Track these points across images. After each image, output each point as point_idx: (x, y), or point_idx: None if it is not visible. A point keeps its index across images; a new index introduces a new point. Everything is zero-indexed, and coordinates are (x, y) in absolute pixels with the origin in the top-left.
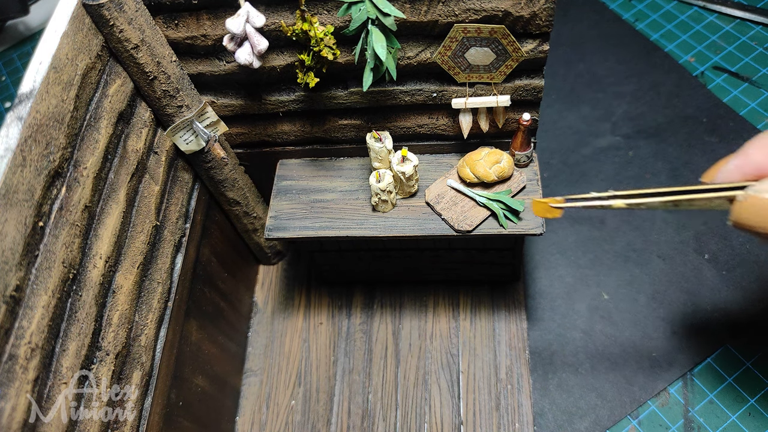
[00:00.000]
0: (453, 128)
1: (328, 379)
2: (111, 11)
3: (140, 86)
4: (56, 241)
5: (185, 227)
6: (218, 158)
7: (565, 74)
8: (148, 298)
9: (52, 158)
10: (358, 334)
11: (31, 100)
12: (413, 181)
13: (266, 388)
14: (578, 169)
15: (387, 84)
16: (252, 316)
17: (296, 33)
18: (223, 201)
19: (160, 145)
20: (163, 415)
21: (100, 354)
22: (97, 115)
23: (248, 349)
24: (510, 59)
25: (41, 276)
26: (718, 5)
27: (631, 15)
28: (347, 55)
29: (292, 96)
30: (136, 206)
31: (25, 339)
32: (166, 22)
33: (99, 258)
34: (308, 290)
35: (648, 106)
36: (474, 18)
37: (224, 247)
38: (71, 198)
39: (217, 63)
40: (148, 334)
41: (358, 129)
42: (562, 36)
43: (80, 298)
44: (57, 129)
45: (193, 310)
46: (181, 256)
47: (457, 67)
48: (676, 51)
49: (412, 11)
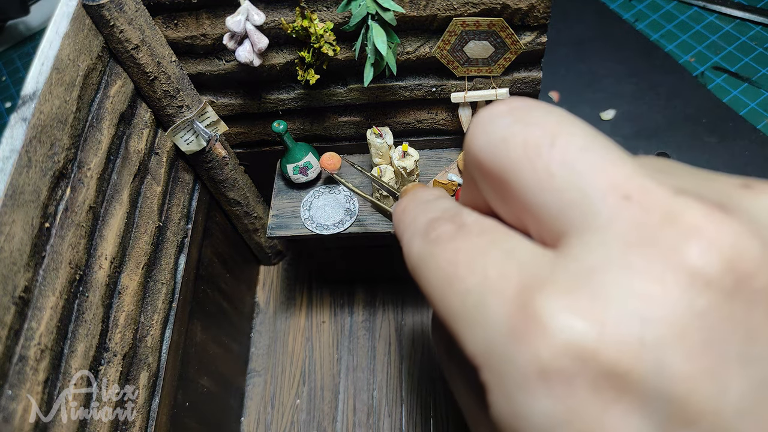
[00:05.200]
0: (452, 123)
1: (333, 377)
2: (111, 12)
3: (141, 87)
4: (62, 242)
5: (187, 228)
6: (220, 157)
7: (565, 74)
8: (152, 298)
9: (57, 159)
10: (361, 332)
11: (35, 101)
12: (414, 176)
13: (270, 388)
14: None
15: (386, 80)
16: (254, 316)
17: (296, 30)
18: (223, 201)
19: (161, 146)
20: (171, 416)
21: (108, 355)
22: (99, 116)
23: (251, 349)
24: (508, 52)
25: (49, 277)
26: (718, 5)
27: (631, 15)
28: (347, 52)
29: (291, 94)
30: (139, 207)
31: (35, 340)
32: (166, 22)
33: (104, 259)
34: (310, 289)
35: (648, 106)
36: (472, 11)
37: (225, 248)
38: (76, 199)
39: (217, 62)
40: (153, 334)
41: (357, 125)
42: (562, 36)
43: (87, 299)
44: (61, 130)
45: (196, 311)
46: (183, 257)
47: (456, 61)
48: (676, 51)
49: (411, 6)
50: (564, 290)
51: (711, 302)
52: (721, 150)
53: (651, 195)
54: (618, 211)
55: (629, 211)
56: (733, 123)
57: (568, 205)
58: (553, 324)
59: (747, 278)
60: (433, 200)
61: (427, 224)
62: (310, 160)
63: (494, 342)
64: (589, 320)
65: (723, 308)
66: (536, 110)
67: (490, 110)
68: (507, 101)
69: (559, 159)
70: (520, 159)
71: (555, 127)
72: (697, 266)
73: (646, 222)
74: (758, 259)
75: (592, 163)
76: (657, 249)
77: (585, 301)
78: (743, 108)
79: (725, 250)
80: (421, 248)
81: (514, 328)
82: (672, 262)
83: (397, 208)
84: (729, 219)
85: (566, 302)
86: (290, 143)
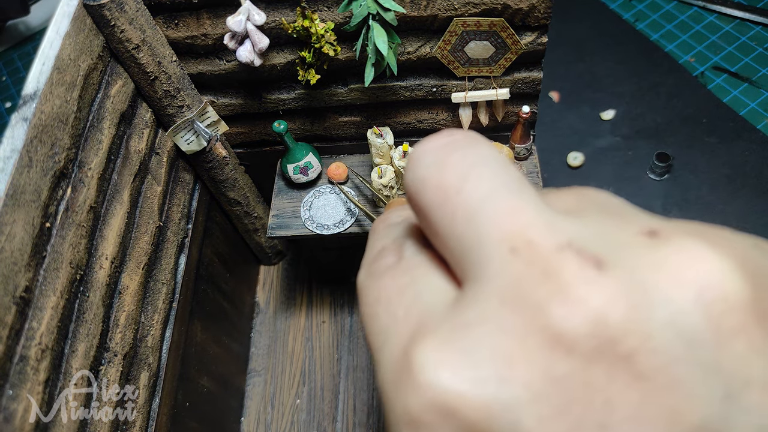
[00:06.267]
0: (453, 123)
1: (333, 377)
2: (112, 11)
3: (141, 87)
4: (63, 242)
5: (187, 228)
6: (220, 157)
7: (565, 74)
8: (153, 298)
9: (58, 159)
10: (361, 332)
11: (36, 100)
12: None
13: (270, 388)
14: (578, 169)
15: (387, 80)
16: (254, 316)
17: (297, 30)
18: (223, 201)
19: (162, 146)
20: (171, 416)
21: (108, 355)
22: (100, 116)
23: (251, 349)
24: (509, 52)
25: (49, 277)
26: (718, 5)
27: (631, 15)
28: (347, 52)
29: (292, 94)
30: (140, 207)
31: (36, 340)
32: (166, 22)
33: (105, 259)
34: (310, 289)
35: (648, 107)
36: (473, 11)
37: (226, 248)
38: (77, 199)
39: (218, 62)
40: (154, 334)
41: (358, 126)
42: (562, 36)
43: (88, 299)
44: (61, 130)
45: (197, 311)
46: (184, 257)
47: (457, 61)
48: (676, 51)
49: (412, 6)
50: (441, 342)
51: (570, 367)
52: (721, 150)
53: (536, 249)
54: (503, 264)
55: (513, 265)
56: (733, 123)
57: (466, 253)
58: (423, 377)
59: (610, 344)
60: (395, 225)
61: (376, 253)
62: (311, 160)
63: (385, 385)
64: (457, 377)
65: (583, 374)
66: (459, 150)
67: (421, 146)
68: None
69: (463, 206)
70: (434, 201)
71: (466, 171)
72: (560, 329)
73: (526, 278)
74: (624, 325)
75: (492, 211)
76: (527, 308)
77: (456, 356)
78: (743, 108)
79: (590, 313)
80: (362, 279)
81: (397, 375)
82: (537, 323)
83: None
84: (602, 278)
85: (439, 356)
86: (291, 143)
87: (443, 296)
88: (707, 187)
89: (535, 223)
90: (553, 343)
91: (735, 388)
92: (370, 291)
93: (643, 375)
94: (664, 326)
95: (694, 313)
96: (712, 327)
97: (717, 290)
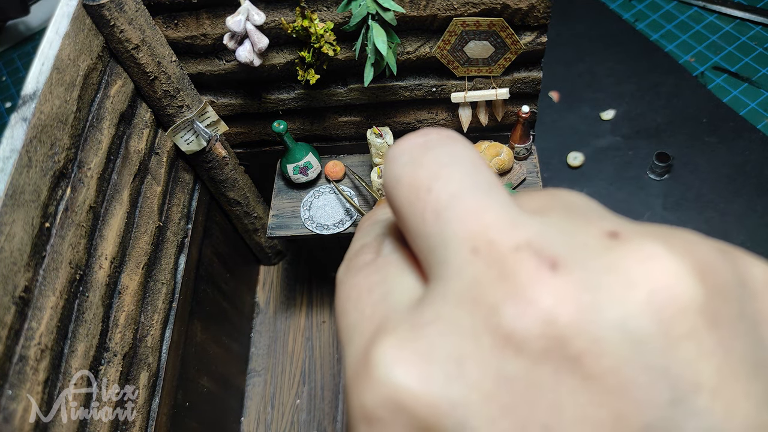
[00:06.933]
0: (452, 123)
1: (333, 377)
2: (111, 11)
3: (141, 87)
4: (62, 242)
5: (187, 228)
6: (220, 157)
7: (565, 74)
8: (153, 298)
9: (57, 159)
10: None
11: (35, 100)
12: None
13: (270, 388)
14: (578, 169)
15: (386, 80)
16: (254, 316)
17: (296, 30)
18: (223, 201)
19: (161, 146)
20: (171, 416)
21: (108, 355)
22: (99, 116)
23: (251, 349)
24: (509, 52)
25: (49, 277)
26: (718, 5)
27: (631, 15)
28: (347, 52)
29: (291, 94)
30: (139, 207)
31: (35, 340)
32: (166, 22)
33: (104, 259)
34: (310, 289)
35: (648, 107)
36: (473, 11)
37: (225, 248)
38: (76, 199)
39: (217, 62)
40: (153, 334)
41: (357, 125)
42: (562, 36)
43: (87, 299)
44: (61, 130)
45: (196, 311)
46: (183, 257)
47: (456, 61)
48: (676, 51)
49: (411, 6)
50: (399, 340)
51: (519, 367)
52: (721, 150)
53: (495, 248)
54: (464, 264)
55: (473, 265)
56: (733, 123)
57: (432, 251)
58: (377, 373)
59: (560, 345)
60: (379, 223)
61: (357, 249)
62: (311, 160)
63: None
64: (409, 374)
65: (531, 374)
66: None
67: (398, 145)
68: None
69: (432, 205)
70: (406, 200)
71: (438, 171)
72: (511, 329)
73: (484, 278)
74: (573, 326)
75: (458, 211)
76: (483, 307)
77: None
78: (743, 108)
79: (540, 314)
80: (340, 275)
81: (356, 371)
82: (490, 323)
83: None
84: (555, 279)
85: (396, 353)
86: (290, 143)
87: (410, 295)
88: (707, 187)
89: (497, 222)
90: (504, 343)
91: (683, 392)
92: (344, 287)
93: (591, 377)
94: (613, 328)
95: (643, 316)
96: (661, 330)
97: (669, 293)
